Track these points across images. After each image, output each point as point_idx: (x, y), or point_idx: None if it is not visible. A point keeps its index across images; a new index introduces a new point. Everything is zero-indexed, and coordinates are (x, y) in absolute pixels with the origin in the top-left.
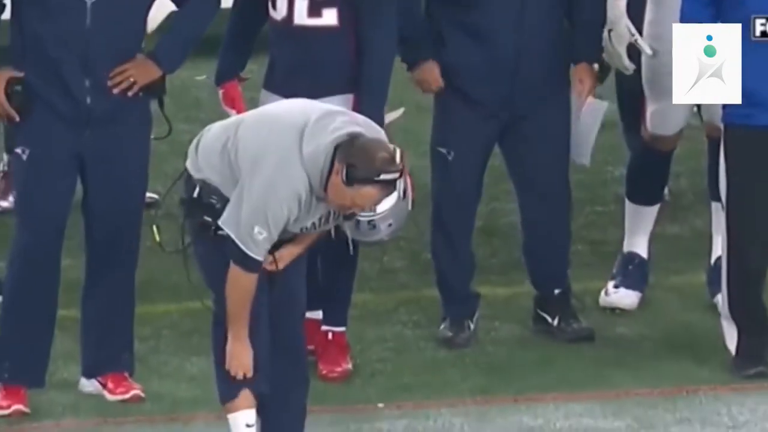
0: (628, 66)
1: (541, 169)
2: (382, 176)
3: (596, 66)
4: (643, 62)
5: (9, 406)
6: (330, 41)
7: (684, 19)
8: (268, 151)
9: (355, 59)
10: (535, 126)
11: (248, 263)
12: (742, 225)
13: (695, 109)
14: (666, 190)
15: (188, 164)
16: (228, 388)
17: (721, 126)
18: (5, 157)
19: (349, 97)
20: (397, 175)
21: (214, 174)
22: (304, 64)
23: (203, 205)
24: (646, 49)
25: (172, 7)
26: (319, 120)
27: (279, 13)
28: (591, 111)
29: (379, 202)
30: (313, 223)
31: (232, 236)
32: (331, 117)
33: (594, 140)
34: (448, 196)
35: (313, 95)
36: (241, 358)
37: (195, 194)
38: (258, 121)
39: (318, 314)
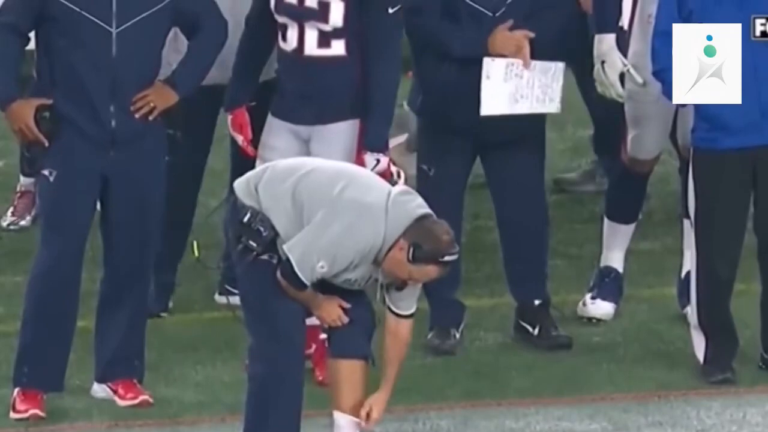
0: (623, 94)
1: (518, 178)
2: (446, 257)
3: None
4: (625, 91)
5: (26, 410)
6: (338, 70)
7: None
8: (355, 199)
9: (361, 86)
10: (512, 139)
11: (297, 283)
12: (709, 241)
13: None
14: None
15: (239, 189)
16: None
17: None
18: (22, 178)
19: (355, 122)
20: (456, 256)
21: (279, 213)
22: (312, 92)
23: (251, 230)
24: (638, 78)
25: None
26: (403, 193)
27: (289, 44)
28: (545, 68)
29: (434, 277)
30: (353, 280)
31: (292, 260)
32: (412, 194)
33: (560, 90)
34: (431, 209)
35: (322, 121)
36: (330, 313)
37: (245, 219)
38: (338, 171)
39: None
